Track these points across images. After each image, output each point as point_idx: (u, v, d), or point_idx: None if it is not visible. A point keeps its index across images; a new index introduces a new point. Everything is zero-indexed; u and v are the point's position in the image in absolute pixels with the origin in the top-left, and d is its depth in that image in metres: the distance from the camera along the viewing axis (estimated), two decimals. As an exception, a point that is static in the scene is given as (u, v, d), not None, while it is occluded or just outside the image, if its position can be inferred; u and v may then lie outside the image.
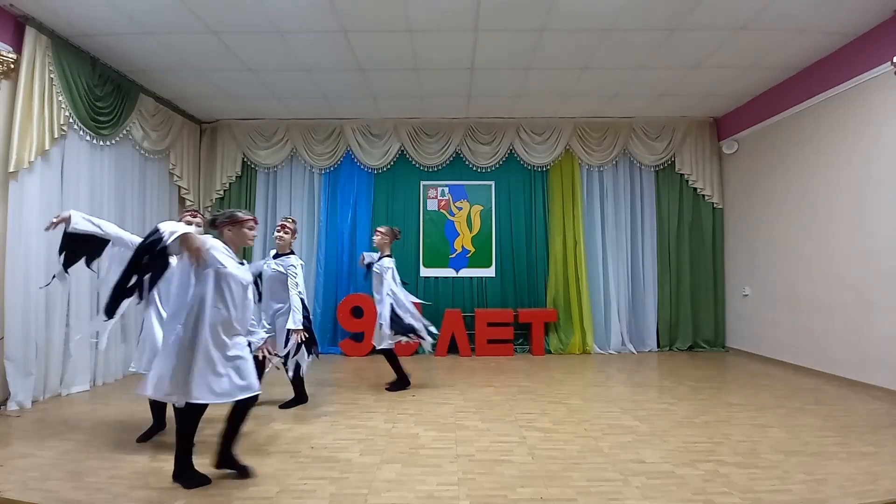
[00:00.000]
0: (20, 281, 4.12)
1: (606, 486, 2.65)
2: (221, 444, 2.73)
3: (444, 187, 7.23)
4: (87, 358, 4.81)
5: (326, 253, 7.02)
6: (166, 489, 2.61)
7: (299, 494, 2.57)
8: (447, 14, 4.29)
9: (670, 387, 4.88)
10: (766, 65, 5.31)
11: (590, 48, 4.89)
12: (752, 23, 4.43)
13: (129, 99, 5.41)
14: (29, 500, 2.47)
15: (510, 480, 2.73)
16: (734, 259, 6.85)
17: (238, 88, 5.85)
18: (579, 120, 7.00)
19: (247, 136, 6.98)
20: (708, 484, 2.67)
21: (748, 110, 6.42)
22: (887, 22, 4.38)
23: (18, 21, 4.21)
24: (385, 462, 2.99)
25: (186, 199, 6.65)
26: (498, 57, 5.07)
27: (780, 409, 4.06)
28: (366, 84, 5.76)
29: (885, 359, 4.48)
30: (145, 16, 4.27)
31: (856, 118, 4.81)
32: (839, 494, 2.54)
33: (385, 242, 4.83)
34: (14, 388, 4.03)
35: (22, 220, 4.15)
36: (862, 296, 4.74)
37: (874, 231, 4.61)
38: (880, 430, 3.50)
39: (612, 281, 6.98)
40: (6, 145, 4.11)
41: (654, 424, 3.69)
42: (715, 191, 7.01)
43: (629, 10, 4.23)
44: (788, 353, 5.72)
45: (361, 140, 7.01)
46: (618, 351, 6.82)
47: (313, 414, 3.98)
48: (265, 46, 4.81)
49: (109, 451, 3.15)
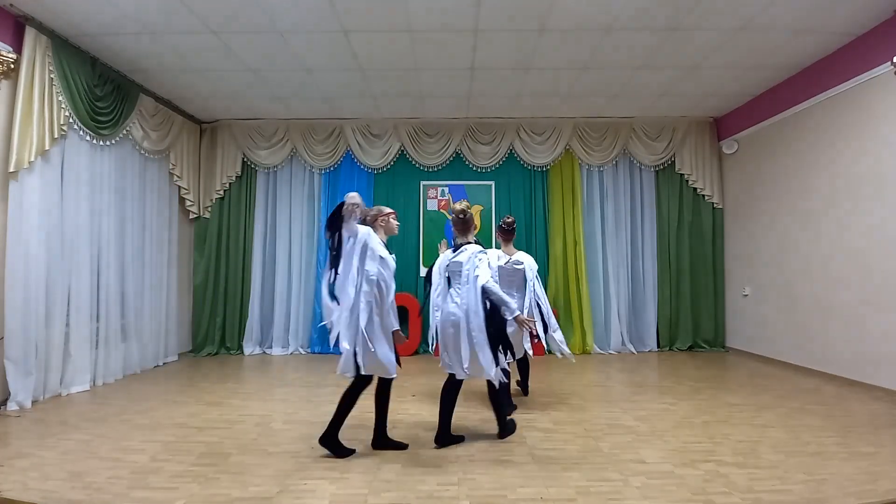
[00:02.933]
0: (20, 281, 4.12)
1: (606, 486, 2.65)
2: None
3: (444, 187, 7.23)
4: (87, 358, 4.81)
5: (326, 253, 6.99)
6: (166, 489, 2.61)
7: (299, 494, 2.57)
8: (447, 14, 4.29)
9: (670, 387, 4.88)
10: (766, 65, 5.31)
11: (590, 48, 4.89)
12: (752, 23, 4.43)
13: (129, 99, 5.41)
14: (29, 500, 2.47)
15: (510, 480, 2.73)
16: (734, 259, 6.85)
17: (238, 88, 5.86)
18: (579, 120, 7.00)
19: (247, 136, 6.98)
20: (708, 484, 2.67)
21: (748, 110, 6.42)
22: (887, 22, 4.38)
23: (18, 21, 4.21)
24: (385, 462, 2.99)
25: (186, 199, 6.65)
26: (498, 57, 5.07)
27: (780, 409, 4.06)
28: (366, 84, 5.76)
29: (885, 359, 4.48)
30: (145, 16, 4.28)
31: (856, 118, 4.81)
32: (839, 494, 2.54)
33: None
34: (14, 388, 4.03)
35: (22, 220, 4.16)
36: (862, 296, 4.74)
37: (874, 231, 4.61)
38: (880, 430, 3.50)
39: (612, 281, 6.98)
40: (6, 145, 4.12)
41: (654, 424, 3.69)
42: (715, 191, 7.01)
43: (629, 10, 4.23)
44: (788, 353, 5.72)
45: (361, 140, 7.01)
46: (618, 351, 6.82)
47: (313, 414, 3.98)
48: (265, 46, 4.81)
49: (109, 451, 3.15)
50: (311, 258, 7.06)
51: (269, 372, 5.72)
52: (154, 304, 5.94)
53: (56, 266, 4.51)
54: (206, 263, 6.88)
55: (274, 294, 7.01)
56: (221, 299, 6.90)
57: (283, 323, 6.96)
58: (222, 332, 6.88)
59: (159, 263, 6.08)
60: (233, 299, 6.93)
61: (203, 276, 6.86)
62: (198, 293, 6.85)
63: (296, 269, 7.03)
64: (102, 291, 5.09)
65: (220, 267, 6.94)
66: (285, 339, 6.95)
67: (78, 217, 4.76)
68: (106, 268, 5.13)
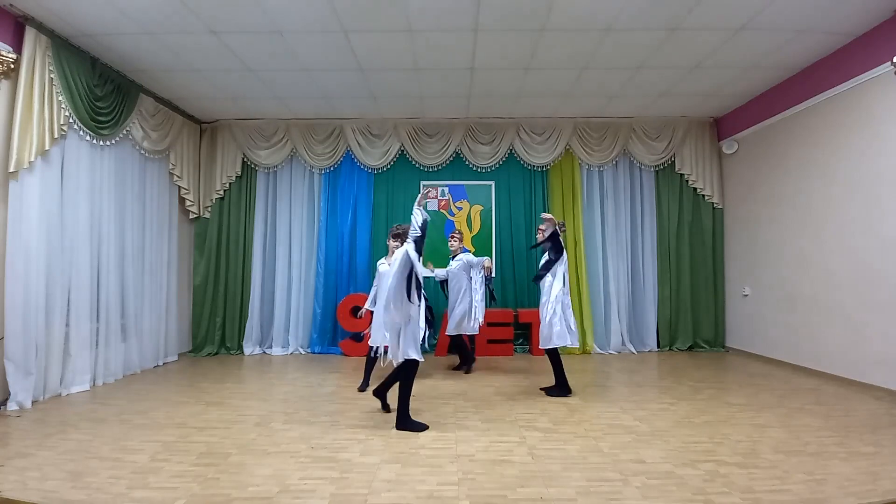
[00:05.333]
0: (20, 281, 4.12)
1: (606, 486, 2.65)
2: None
3: (444, 187, 7.23)
4: (87, 358, 4.81)
5: (326, 253, 7.02)
6: (166, 489, 2.61)
7: (299, 494, 2.57)
8: (447, 14, 4.29)
9: (670, 387, 4.88)
10: (766, 65, 5.31)
11: (590, 48, 4.89)
12: (752, 23, 4.43)
13: (129, 99, 5.41)
14: (29, 500, 2.47)
15: (510, 480, 2.73)
16: (734, 259, 6.85)
17: (238, 88, 5.86)
18: (579, 120, 7.00)
19: (247, 136, 6.98)
20: (708, 484, 2.67)
21: (748, 110, 6.42)
22: (887, 22, 4.38)
23: (18, 21, 4.21)
24: (385, 462, 2.99)
25: (186, 198, 6.65)
26: (498, 57, 5.07)
27: (780, 409, 4.06)
28: (366, 84, 5.76)
29: (885, 359, 4.48)
30: (145, 16, 4.27)
31: (856, 118, 4.81)
32: (839, 494, 2.54)
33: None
34: (14, 388, 4.03)
35: (22, 220, 4.16)
36: (861, 296, 4.74)
37: (874, 231, 4.61)
38: (880, 430, 3.50)
39: (612, 281, 6.98)
40: (6, 145, 4.12)
41: (654, 424, 3.69)
42: (715, 191, 7.01)
43: (629, 10, 4.23)
44: (788, 353, 5.72)
45: (361, 140, 7.01)
46: (618, 351, 6.82)
47: (313, 414, 3.98)
48: (265, 46, 4.81)
49: (109, 451, 3.15)
50: (311, 258, 7.06)
51: (269, 372, 5.72)
52: (154, 304, 5.94)
53: (56, 266, 4.51)
54: (206, 263, 6.88)
55: (274, 294, 7.01)
56: (221, 299, 6.90)
57: (283, 323, 6.96)
58: (222, 331, 6.88)
59: (159, 263, 6.08)
60: (233, 299, 6.93)
61: (203, 276, 6.86)
62: (198, 293, 6.84)
63: (296, 269, 7.03)
64: (102, 291, 5.09)
65: (220, 267, 6.93)
66: (285, 339, 6.95)
67: (78, 217, 4.76)
68: (106, 268, 5.13)
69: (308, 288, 7.03)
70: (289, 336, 6.94)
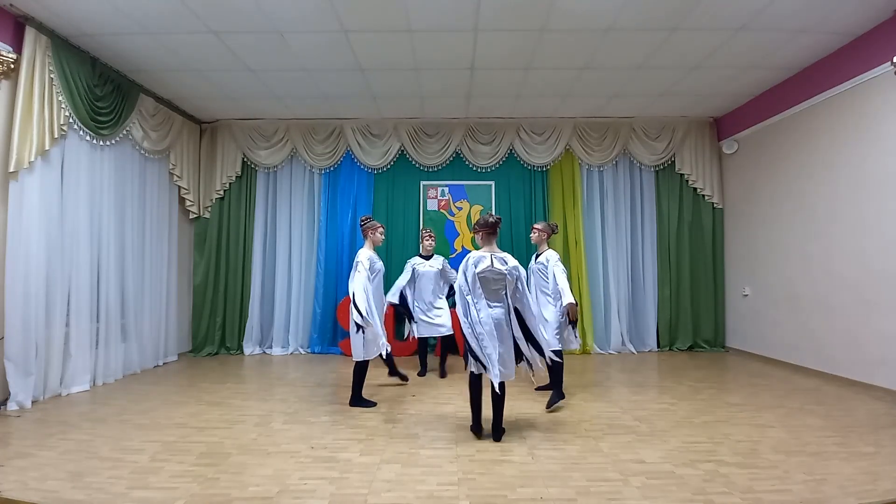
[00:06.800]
0: (20, 281, 4.12)
1: (606, 486, 2.65)
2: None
3: (444, 187, 7.23)
4: (87, 358, 4.81)
5: (326, 253, 7.02)
6: (166, 489, 2.61)
7: (299, 494, 2.57)
8: (447, 14, 4.29)
9: (670, 387, 4.88)
10: (766, 65, 5.31)
11: (590, 48, 4.89)
12: (752, 23, 4.43)
13: (129, 99, 5.41)
14: (29, 500, 2.47)
15: (510, 480, 2.73)
16: (734, 259, 6.85)
17: (238, 88, 5.86)
18: (579, 120, 7.00)
19: (247, 136, 6.98)
20: (708, 484, 2.67)
21: (748, 110, 6.42)
22: (887, 22, 4.38)
23: (18, 21, 4.21)
24: (385, 462, 2.99)
25: (186, 199, 6.65)
26: (498, 57, 5.07)
27: (780, 409, 4.06)
28: (366, 84, 5.76)
29: (885, 359, 4.48)
30: (145, 16, 4.28)
31: (856, 118, 4.81)
32: (839, 494, 2.54)
33: (543, 239, 4.60)
34: (14, 388, 4.03)
35: (22, 220, 4.16)
36: (862, 296, 4.74)
37: (874, 231, 4.61)
38: (880, 430, 3.50)
39: (612, 281, 6.98)
40: (6, 145, 4.12)
41: (654, 424, 3.69)
42: (715, 191, 7.01)
43: (629, 10, 4.23)
44: (788, 353, 5.72)
45: (361, 140, 7.01)
46: (618, 351, 6.82)
47: (313, 414, 3.98)
48: (265, 46, 4.81)
49: (109, 451, 3.15)
50: (311, 258, 7.06)
51: (269, 372, 5.72)
52: (154, 304, 5.94)
53: (56, 266, 4.52)
54: (206, 263, 6.88)
55: (274, 294, 7.01)
56: (221, 299, 6.90)
57: (283, 323, 6.96)
58: (222, 331, 6.88)
59: (159, 263, 6.08)
60: (233, 299, 6.93)
61: (203, 276, 6.86)
62: (198, 293, 6.84)
63: (296, 269, 7.03)
64: (102, 291, 5.09)
65: (220, 267, 6.93)
66: (285, 339, 6.95)
67: (78, 217, 4.76)
68: (106, 268, 5.13)
69: (308, 288, 7.03)
70: (289, 336, 6.94)
